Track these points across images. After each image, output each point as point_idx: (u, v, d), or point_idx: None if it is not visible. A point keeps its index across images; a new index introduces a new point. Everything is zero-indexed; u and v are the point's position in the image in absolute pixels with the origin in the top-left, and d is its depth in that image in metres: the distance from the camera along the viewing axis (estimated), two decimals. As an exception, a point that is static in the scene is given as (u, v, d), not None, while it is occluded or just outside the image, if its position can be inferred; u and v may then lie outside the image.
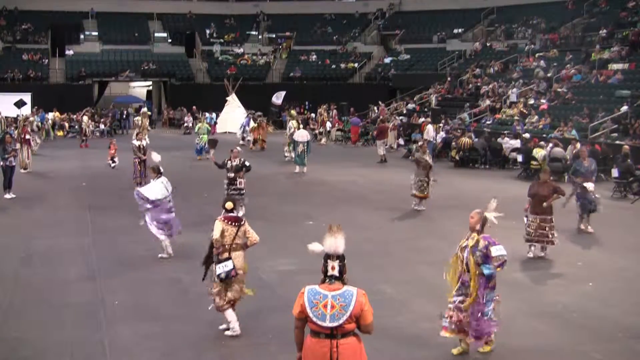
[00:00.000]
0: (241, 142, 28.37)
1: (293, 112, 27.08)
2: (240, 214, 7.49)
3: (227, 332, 7.62)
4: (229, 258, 7.40)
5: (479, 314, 6.98)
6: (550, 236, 10.90)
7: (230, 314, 7.56)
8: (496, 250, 6.92)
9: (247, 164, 13.84)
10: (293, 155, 23.36)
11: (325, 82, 42.06)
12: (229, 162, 13.71)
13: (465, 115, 30.35)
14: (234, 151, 13.86)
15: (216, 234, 7.40)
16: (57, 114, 34.03)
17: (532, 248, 11.06)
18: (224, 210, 7.55)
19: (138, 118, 28.34)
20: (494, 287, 7.07)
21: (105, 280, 9.71)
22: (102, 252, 11.23)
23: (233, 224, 7.47)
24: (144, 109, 32.14)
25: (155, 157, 12.19)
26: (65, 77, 40.73)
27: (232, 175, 13.65)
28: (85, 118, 30.84)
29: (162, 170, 11.21)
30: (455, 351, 7.17)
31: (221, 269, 7.39)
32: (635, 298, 9.18)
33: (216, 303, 7.55)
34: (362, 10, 48.25)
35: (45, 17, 43.65)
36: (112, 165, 21.51)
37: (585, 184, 12.71)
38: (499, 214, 7.10)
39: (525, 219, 11.11)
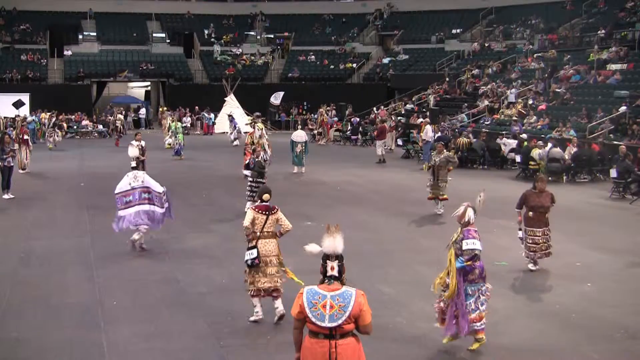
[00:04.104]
0: (234, 143, 28.43)
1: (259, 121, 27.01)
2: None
3: (250, 318, 7.92)
4: (255, 247, 7.79)
5: (463, 307, 6.97)
6: (549, 247, 10.32)
7: (255, 301, 7.90)
8: (467, 244, 6.91)
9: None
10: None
11: (324, 82, 42.09)
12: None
13: (464, 115, 30.36)
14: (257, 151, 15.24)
15: (246, 222, 7.86)
16: (45, 114, 33.81)
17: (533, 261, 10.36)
18: (259, 201, 7.98)
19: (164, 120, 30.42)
20: (473, 282, 7.01)
21: (104, 280, 9.70)
22: (101, 252, 11.21)
23: (263, 212, 7.85)
24: (164, 111, 34.27)
25: (132, 151, 12.24)
26: (64, 78, 40.72)
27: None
28: (120, 116, 32.00)
29: (134, 165, 11.34)
30: (445, 340, 7.23)
31: (247, 256, 7.83)
32: (633, 298, 9.19)
33: (247, 288, 7.96)
34: (361, 11, 48.27)
35: (43, 17, 43.68)
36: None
37: None
38: (480, 201, 7.18)
39: (520, 232, 10.26)
